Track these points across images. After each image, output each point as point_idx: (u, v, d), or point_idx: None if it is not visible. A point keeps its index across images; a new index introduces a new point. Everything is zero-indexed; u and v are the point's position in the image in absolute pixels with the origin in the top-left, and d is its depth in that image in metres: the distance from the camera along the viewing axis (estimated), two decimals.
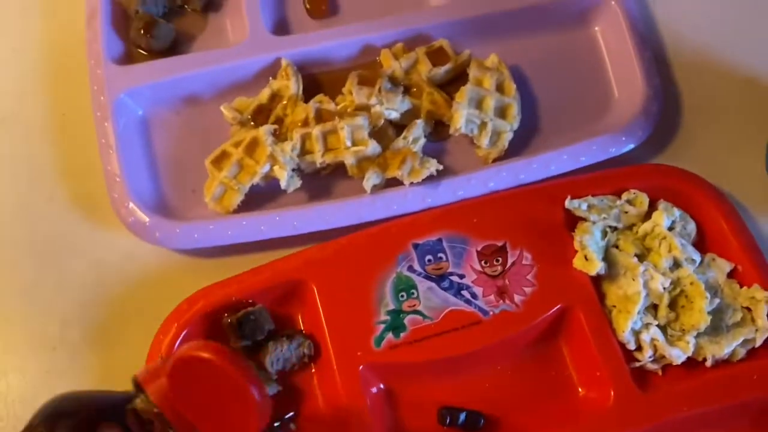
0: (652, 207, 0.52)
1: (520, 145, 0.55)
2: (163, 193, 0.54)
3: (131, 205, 0.52)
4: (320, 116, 0.53)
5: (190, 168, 0.55)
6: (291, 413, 0.47)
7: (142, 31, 0.57)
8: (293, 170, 0.53)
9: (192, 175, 0.55)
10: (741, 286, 0.50)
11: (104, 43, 0.56)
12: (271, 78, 0.56)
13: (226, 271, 0.51)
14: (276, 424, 0.47)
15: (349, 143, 0.52)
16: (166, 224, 0.51)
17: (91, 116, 0.55)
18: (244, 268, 0.51)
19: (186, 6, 0.60)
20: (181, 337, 0.48)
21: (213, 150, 0.54)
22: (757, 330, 0.48)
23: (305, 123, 0.53)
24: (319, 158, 0.53)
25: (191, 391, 0.37)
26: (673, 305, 0.49)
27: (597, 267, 0.49)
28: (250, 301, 0.49)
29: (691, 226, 0.52)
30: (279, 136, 0.53)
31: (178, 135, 0.56)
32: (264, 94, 0.55)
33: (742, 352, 0.48)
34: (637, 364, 0.49)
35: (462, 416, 0.47)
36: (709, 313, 0.48)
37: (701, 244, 0.52)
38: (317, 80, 0.57)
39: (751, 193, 0.54)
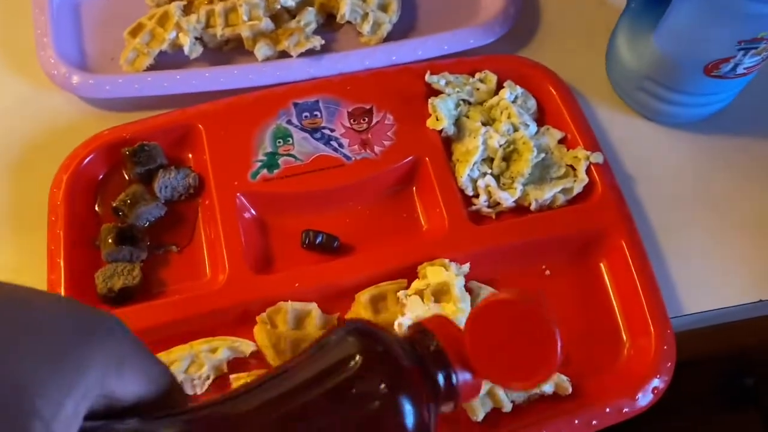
0: (501, 88, 0.61)
1: (397, 35, 0.65)
2: (85, 56, 0.63)
3: (54, 59, 0.60)
4: None
5: (112, 41, 0.63)
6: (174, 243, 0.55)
7: None
8: (196, 39, 0.62)
9: (113, 46, 0.63)
10: (568, 150, 0.59)
11: None
12: None
13: (132, 119, 0.59)
14: (161, 249, 0.55)
15: (246, 18, 0.62)
16: (83, 75, 0.60)
17: None
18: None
19: None
20: (85, 162, 0.56)
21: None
22: (575, 180, 0.57)
23: (210, 2, 0.62)
24: (219, 31, 0.62)
25: (487, 336, 0.33)
26: (506, 160, 0.58)
27: (444, 124, 0.58)
28: (148, 141, 0.58)
29: (531, 102, 0.61)
30: (187, 12, 0.62)
31: (105, 16, 0.65)
32: None
33: (561, 199, 0.57)
34: (474, 208, 0.57)
35: (320, 237, 0.55)
36: (536, 165, 0.57)
37: (541, 119, 0.61)
38: None
39: (590, 86, 0.64)
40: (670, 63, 0.56)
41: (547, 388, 0.50)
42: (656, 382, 0.50)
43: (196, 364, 0.50)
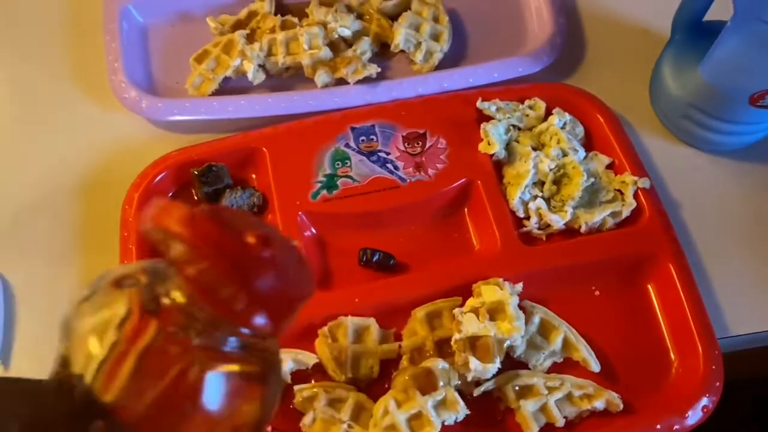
0: (550, 114, 0.64)
1: (448, 64, 0.68)
2: (153, 80, 0.67)
3: (125, 84, 0.64)
4: (285, 26, 0.66)
5: (177, 66, 0.67)
6: None
7: None
8: (259, 65, 0.65)
9: (178, 71, 0.67)
10: (616, 175, 0.61)
11: None
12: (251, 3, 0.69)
13: (199, 140, 0.63)
14: None
15: (306, 47, 0.65)
16: (152, 99, 0.63)
17: (101, 21, 0.68)
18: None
19: None
20: (156, 180, 0.60)
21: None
22: (623, 204, 0.59)
23: (273, 31, 0.66)
24: (281, 59, 0.65)
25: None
26: (557, 183, 0.60)
27: (496, 149, 0.60)
28: (215, 161, 0.61)
29: (580, 129, 0.63)
30: (250, 40, 0.66)
31: (171, 42, 0.69)
32: (243, 12, 0.68)
33: (610, 222, 0.59)
34: (525, 230, 0.59)
35: (377, 255, 0.58)
36: (586, 189, 0.59)
37: (588, 144, 0.63)
38: (288, 8, 0.70)
39: (634, 113, 0.66)
40: (715, 93, 0.58)
41: (599, 404, 0.52)
42: (705, 401, 0.52)
43: None
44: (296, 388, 0.52)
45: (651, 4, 0.70)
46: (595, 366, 0.53)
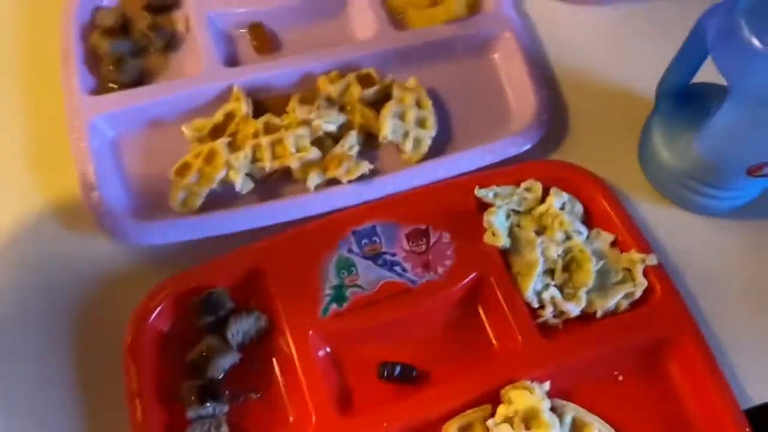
0: (546, 193, 0.63)
1: (437, 149, 0.66)
2: (133, 199, 0.62)
3: (105, 208, 0.60)
4: (268, 129, 0.63)
5: (156, 179, 0.63)
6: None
7: (111, 67, 0.67)
8: (246, 174, 0.62)
9: (158, 184, 0.63)
10: (621, 252, 0.61)
11: (78, 77, 0.65)
12: (224, 103, 0.66)
13: (191, 262, 0.59)
14: (240, 398, 0.55)
15: (293, 150, 0.62)
16: (135, 223, 0.59)
17: (67, 139, 0.63)
18: (206, 259, 0.59)
19: (149, 47, 0.70)
20: (154, 314, 0.56)
21: (176, 163, 0.63)
22: (635, 285, 0.59)
23: (255, 135, 0.63)
24: (268, 165, 0.62)
25: None
26: (566, 269, 0.60)
27: (502, 241, 0.59)
28: (212, 286, 0.58)
29: (578, 207, 0.63)
30: (233, 148, 0.63)
31: (146, 153, 0.65)
32: (219, 115, 0.65)
33: (625, 304, 0.59)
34: (541, 320, 0.58)
35: (398, 369, 0.56)
36: (596, 272, 0.59)
37: (588, 221, 0.63)
38: (264, 104, 0.67)
39: (626, 180, 0.66)
40: (713, 166, 0.59)
41: None
42: None
43: None
44: None
45: (630, 69, 0.71)
46: None
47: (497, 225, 0.60)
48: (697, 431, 0.55)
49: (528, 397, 0.52)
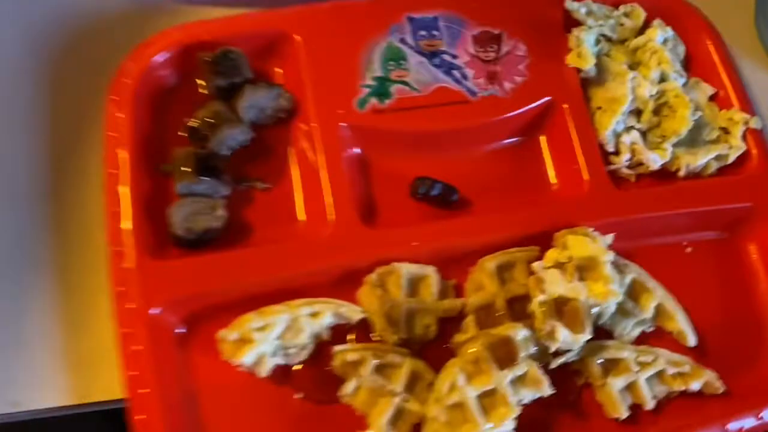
0: (647, 25, 0.52)
1: None
2: None
3: None
4: None
5: None
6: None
7: None
8: None
9: None
10: (720, 110, 0.51)
11: None
12: None
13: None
14: (244, 184, 0.45)
15: None
16: None
17: None
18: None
19: None
20: (155, 60, 0.45)
21: None
22: (731, 147, 0.49)
23: None
24: None
25: None
26: (656, 113, 0.50)
27: (589, 63, 0.48)
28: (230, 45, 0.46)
29: (681, 48, 0.52)
30: None
31: None
32: None
33: (714, 166, 0.49)
34: (612, 167, 0.49)
35: (437, 187, 0.46)
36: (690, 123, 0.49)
37: (687, 68, 0.52)
38: None
39: (736, 38, 0.54)
40: None
41: (695, 385, 0.44)
42: None
43: (293, 329, 0.42)
44: (337, 349, 0.42)
45: None
46: (692, 339, 0.45)
47: (587, 45, 0.49)
48: (762, 323, 0.47)
49: (588, 244, 0.44)
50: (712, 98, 0.51)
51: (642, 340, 0.45)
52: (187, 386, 0.41)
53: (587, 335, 0.42)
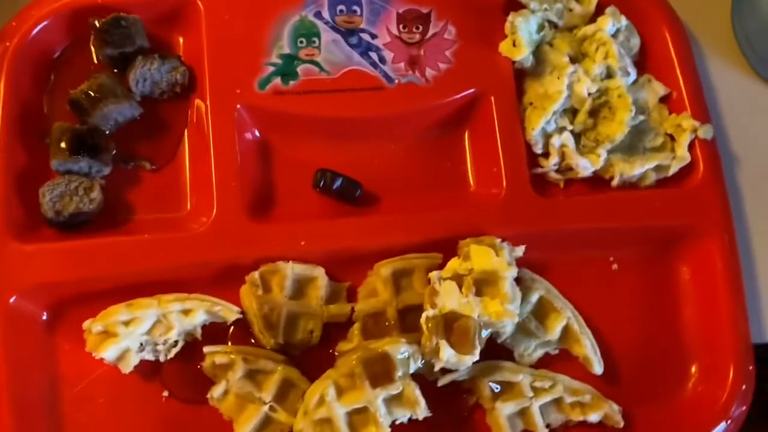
0: (599, 12, 0.47)
1: None
2: None
3: None
4: None
5: None
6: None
7: None
8: None
9: None
10: (670, 113, 0.46)
11: None
12: None
13: None
14: (130, 163, 0.42)
15: None
16: None
17: None
18: None
19: None
20: (36, 29, 0.41)
21: None
22: (674, 158, 0.44)
23: None
24: None
25: None
26: (593, 114, 0.45)
27: (523, 54, 0.44)
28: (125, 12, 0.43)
29: (636, 41, 0.47)
30: None
31: None
32: None
33: (652, 177, 0.44)
34: (539, 170, 0.44)
35: (339, 181, 0.42)
36: (630, 129, 0.44)
37: (641, 63, 0.47)
38: None
39: (707, 30, 0.49)
40: None
41: (594, 417, 0.41)
42: (722, 428, 0.41)
43: (162, 325, 0.39)
44: (207, 349, 0.39)
45: None
46: (597, 367, 0.41)
47: (523, 33, 0.44)
48: (688, 352, 0.43)
49: (491, 257, 0.40)
50: (664, 99, 0.46)
51: (546, 362, 0.42)
52: (50, 375, 0.39)
53: (475, 356, 0.38)
